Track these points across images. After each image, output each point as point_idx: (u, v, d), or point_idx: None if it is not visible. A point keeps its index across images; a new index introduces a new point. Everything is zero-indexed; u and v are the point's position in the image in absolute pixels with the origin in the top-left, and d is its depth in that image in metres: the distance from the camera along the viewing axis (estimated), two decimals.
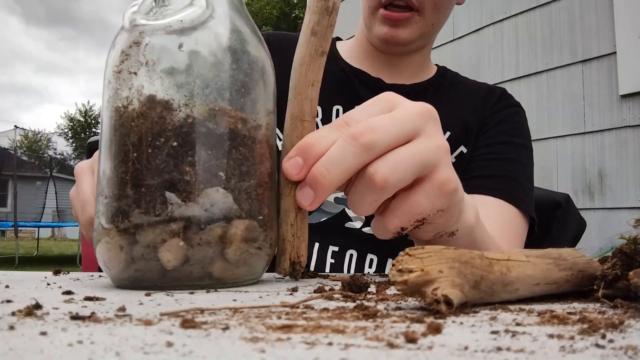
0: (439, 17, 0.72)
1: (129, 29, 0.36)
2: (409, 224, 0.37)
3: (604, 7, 1.90)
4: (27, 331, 0.19)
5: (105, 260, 0.35)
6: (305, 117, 0.38)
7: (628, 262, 0.29)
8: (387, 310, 0.25)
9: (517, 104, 0.81)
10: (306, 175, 0.36)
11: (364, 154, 0.34)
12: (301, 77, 0.37)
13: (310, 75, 0.37)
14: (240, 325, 0.21)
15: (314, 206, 0.36)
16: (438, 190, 0.36)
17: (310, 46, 0.37)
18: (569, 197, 1.18)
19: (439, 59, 0.86)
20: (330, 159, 0.35)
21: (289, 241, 0.38)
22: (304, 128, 0.38)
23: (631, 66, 1.81)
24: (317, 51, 0.37)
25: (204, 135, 0.34)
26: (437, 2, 0.69)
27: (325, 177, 0.35)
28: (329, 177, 0.35)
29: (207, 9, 0.36)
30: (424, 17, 0.69)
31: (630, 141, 1.83)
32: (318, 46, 0.37)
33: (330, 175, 0.34)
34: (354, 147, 0.34)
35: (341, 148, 0.34)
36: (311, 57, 0.37)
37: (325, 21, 0.37)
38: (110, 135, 0.35)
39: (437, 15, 0.71)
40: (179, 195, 0.33)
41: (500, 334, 0.20)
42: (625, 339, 0.19)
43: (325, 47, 0.38)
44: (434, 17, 0.70)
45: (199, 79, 0.35)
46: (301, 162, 0.36)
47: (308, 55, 0.37)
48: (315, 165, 0.35)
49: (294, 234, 0.38)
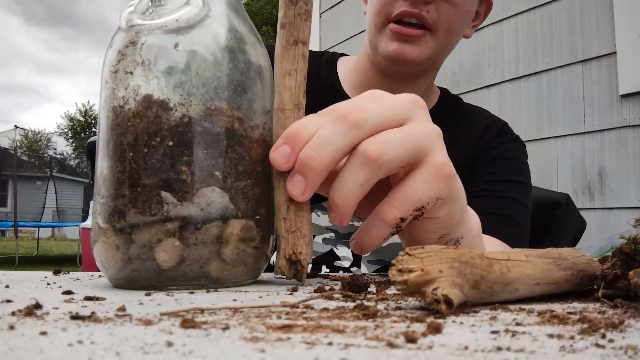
0: (450, 41, 0.69)
1: (125, 29, 0.36)
2: (408, 213, 0.35)
3: (604, 7, 1.90)
4: (27, 331, 0.19)
5: (102, 260, 0.35)
6: (285, 106, 0.37)
7: (628, 262, 0.29)
8: (387, 310, 0.25)
9: (517, 139, 0.80)
10: (294, 161, 0.34)
11: (353, 131, 0.33)
12: (277, 70, 0.38)
13: (286, 66, 0.37)
14: (240, 325, 0.21)
15: (306, 196, 0.34)
16: (434, 174, 0.34)
17: (281, 38, 0.38)
18: (569, 197, 1.18)
19: None
20: (318, 141, 0.33)
21: (283, 237, 0.36)
22: (285, 117, 0.37)
23: (631, 66, 1.81)
24: (289, 41, 0.38)
25: (200, 134, 0.34)
26: (451, 24, 0.66)
27: (315, 160, 0.33)
28: (319, 160, 0.32)
29: (204, 8, 0.36)
30: (436, 38, 0.66)
31: (630, 141, 1.83)
32: (288, 36, 0.38)
33: (320, 157, 0.32)
34: (343, 125, 0.33)
35: (329, 129, 0.33)
36: (283, 49, 0.38)
37: (291, 11, 0.37)
38: (107, 135, 0.35)
39: (449, 38, 0.68)
40: (175, 195, 0.33)
41: (500, 334, 0.20)
42: (625, 339, 0.19)
43: (298, 35, 0.38)
44: (446, 39, 0.68)
45: (195, 79, 0.35)
46: (288, 150, 0.34)
47: (280, 47, 0.38)
48: (303, 149, 0.33)
49: (287, 228, 0.36)
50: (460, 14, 0.66)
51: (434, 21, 0.65)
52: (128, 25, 0.36)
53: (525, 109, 2.15)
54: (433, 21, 0.65)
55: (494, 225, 0.66)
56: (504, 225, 0.68)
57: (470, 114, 0.81)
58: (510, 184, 0.73)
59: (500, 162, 0.74)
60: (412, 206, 0.35)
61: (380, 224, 0.35)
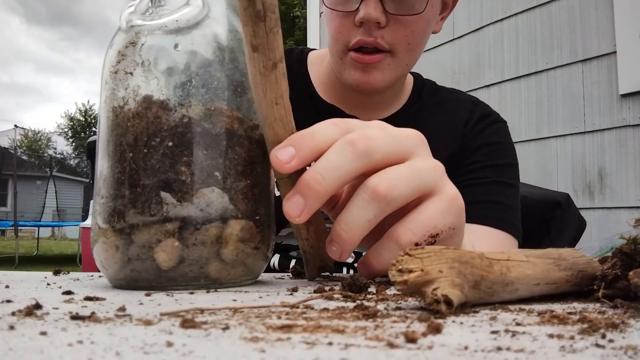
0: (413, 56, 0.67)
1: (125, 30, 0.36)
2: (423, 238, 0.34)
3: (604, 7, 1.90)
4: (27, 331, 0.19)
5: (102, 260, 0.35)
6: (280, 139, 0.34)
7: (628, 262, 0.29)
8: (387, 310, 0.25)
9: (498, 119, 0.79)
10: (297, 166, 0.33)
11: (360, 159, 0.32)
12: (261, 100, 0.33)
13: (270, 95, 0.33)
14: (240, 325, 0.21)
15: (303, 218, 0.33)
16: (449, 205, 0.35)
17: (257, 64, 0.32)
18: (569, 196, 1.18)
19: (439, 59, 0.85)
20: (324, 164, 0.32)
21: (309, 253, 0.40)
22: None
23: (631, 66, 1.81)
24: (267, 67, 0.32)
25: (200, 135, 0.34)
26: (410, 42, 0.64)
27: (320, 183, 0.32)
28: (324, 184, 0.32)
29: (204, 8, 0.36)
30: (397, 59, 0.64)
31: (630, 141, 1.83)
32: (266, 61, 0.32)
33: (325, 181, 0.32)
34: (352, 152, 0.32)
35: (337, 153, 0.32)
36: (262, 76, 0.32)
37: (262, 30, 0.30)
38: (107, 135, 0.35)
39: (411, 53, 0.66)
40: (175, 195, 0.33)
41: (500, 334, 0.20)
42: (625, 339, 0.19)
43: (275, 56, 0.32)
44: (408, 56, 0.65)
45: (195, 79, 0.35)
46: (293, 151, 0.32)
47: (258, 74, 0.32)
48: (308, 171, 0.32)
49: (311, 245, 0.39)
50: (418, 29, 0.64)
51: (392, 44, 0.63)
52: (128, 26, 0.36)
53: (525, 108, 2.15)
54: (391, 44, 0.63)
55: (485, 214, 0.66)
56: (493, 211, 0.68)
57: (449, 101, 0.79)
58: (496, 168, 0.72)
59: (485, 148, 0.74)
60: (428, 232, 0.34)
61: (393, 247, 0.34)
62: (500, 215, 0.68)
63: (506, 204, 0.70)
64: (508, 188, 0.72)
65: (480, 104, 0.80)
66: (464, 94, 0.83)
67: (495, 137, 0.76)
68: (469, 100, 0.81)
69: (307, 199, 0.32)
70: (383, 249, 0.35)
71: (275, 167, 0.33)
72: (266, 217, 0.37)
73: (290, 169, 0.33)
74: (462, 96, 0.82)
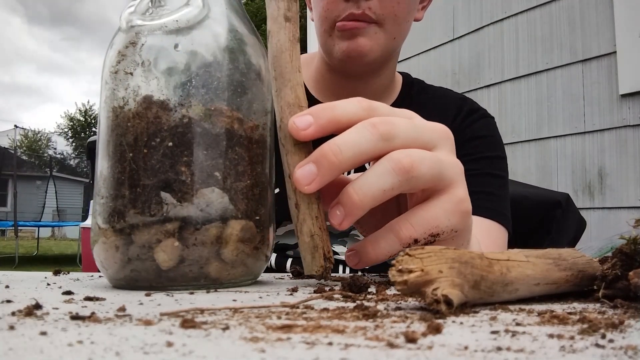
0: (400, 29, 0.69)
1: (125, 30, 0.36)
2: (423, 236, 0.34)
3: (604, 7, 1.90)
4: (27, 331, 0.19)
5: (102, 261, 0.35)
6: (301, 103, 0.36)
7: (628, 262, 0.29)
8: (387, 310, 0.25)
9: (485, 114, 0.81)
10: (314, 134, 0.33)
11: (379, 142, 0.32)
12: (287, 64, 0.36)
13: (295, 63, 0.36)
14: (240, 325, 0.21)
15: (312, 187, 0.32)
16: (455, 206, 0.35)
17: (288, 32, 0.36)
18: (569, 196, 1.18)
19: (439, 59, 0.86)
20: (343, 139, 0.32)
21: (318, 235, 0.35)
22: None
23: (631, 66, 1.81)
24: (295, 37, 0.36)
25: (200, 135, 0.34)
26: (397, 13, 0.66)
27: (337, 154, 0.31)
28: (340, 156, 0.31)
29: (204, 8, 0.36)
30: (384, 29, 0.66)
31: (630, 141, 1.83)
32: (295, 32, 0.36)
33: (341, 154, 0.31)
34: (372, 134, 0.32)
35: (357, 132, 0.32)
36: (291, 43, 0.36)
37: (295, 7, 0.36)
38: (107, 136, 0.35)
39: (398, 26, 0.68)
40: (175, 196, 0.33)
41: (500, 334, 0.20)
42: (625, 339, 0.19)
43: (297, 34, 0.37)
44: (395, 28, 0.67)
45: (195, 79, 0.35)
46: (311, 119, 0.32)
47: (288, 41, 0.36)
48: (327, 143, 0.32)
49: (320, 226, 0.35)
50: (405, 1, 0.67)
51: (379, 14, 0.65)
52: (128, 26, 0.36)
53: (525, 109, 2.15)
54: (377, 15, 0.65)
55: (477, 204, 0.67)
56: (485, 202, 0.70)
57: (437, 97, 0.81)
58: (485, 160, 0.75)
59: (475, 141, 0.76)
60: (429, 230, 0.34)
61: (391, 239, 0.34)
62: (490, 205, 0.70)
63: (496, 194, 0.73)
64: (498, 179, 0.75)
65: (468, 100, 0.83)
66: (451, 92, 0.85)
67: (485, 130, 0.78)
68: (456, 96, 0.83)
69: (320, 168, 0.32)
70: (381, 238, 0.35)
71: (292, 134, 0.33)
72: (266, 217, 0.37)
73: (306, 136, 0.33)
74: (450, 93, 0.84)
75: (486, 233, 0.67)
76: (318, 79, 0.76)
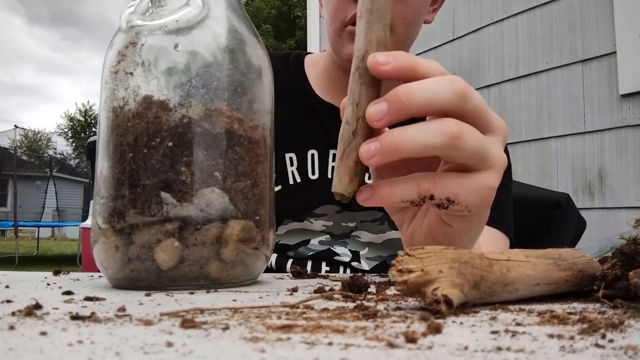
0: (410, 33, 0.69)
1: (125, 30, 0.36)
2: (439, 196, 0.34)
3: (604, 7, 1.90)
4: (27, 331, 0.19)
5: (102, 261, 0.35)
6: (387, 44, 0.35)
7: (628, 262, 0.29)
8: (387, 310, 0.25)
9: None
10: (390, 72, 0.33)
11: (454, 97, 0.33)
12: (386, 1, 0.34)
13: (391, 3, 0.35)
14: (240, 325, 0.21)
15: (381, 124, 0.32)
16: (480, 188, 0.35)
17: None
18: (569, 196, 1.18)
19: (439, 59, 0.86)
20: (419, 85, 0.32)
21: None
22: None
23: (631, 66, 1.81)
24: None
25: (200, 135, 0.34)
26: (406, 17, 0.66)
27: (409, 98, 0.32)
28: (413, 100, 0.32)
29: (204, 8, 0.36)
30: (394, 33, 0.65)
31: (630, 141, 1.83)
32: None
33: (414, 98, 0.32)
34: (449, 88, 0.33)
35: (435, 82, 0.33)
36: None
37: None
38: (107, 136, 0.35)
39: (407, 30, 0.68)
40: (175, 196, 0.33)
41: (500, 334, 0.20)
42: (625, 339, 0.19)
43: None
44: (404, 32, 0.67)
45: (195, 79, 0.35)
46: (391, 58, 0.33)
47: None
48: (406, 85, 0.32)
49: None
50: (413, 4, 0.66)
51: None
52: (128, 26, 0.36)
53: (525, 108, 2.15)
54: None
55: None
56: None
57: None
58: None
59: None
60: (447, 194, 0.34)
61: (410, 185, 0.34)
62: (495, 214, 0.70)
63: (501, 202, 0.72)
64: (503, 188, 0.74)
65: None
66: None
67: None
68: None
69: (391, 106, 0.32)
70: (401, 181, 0.35)
71: (371, 67, 0.33)
72: (266, 217, 0.37)
73: (384, 72, 0.33)
74: None
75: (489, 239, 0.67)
76: (324, 79, 0.76)
